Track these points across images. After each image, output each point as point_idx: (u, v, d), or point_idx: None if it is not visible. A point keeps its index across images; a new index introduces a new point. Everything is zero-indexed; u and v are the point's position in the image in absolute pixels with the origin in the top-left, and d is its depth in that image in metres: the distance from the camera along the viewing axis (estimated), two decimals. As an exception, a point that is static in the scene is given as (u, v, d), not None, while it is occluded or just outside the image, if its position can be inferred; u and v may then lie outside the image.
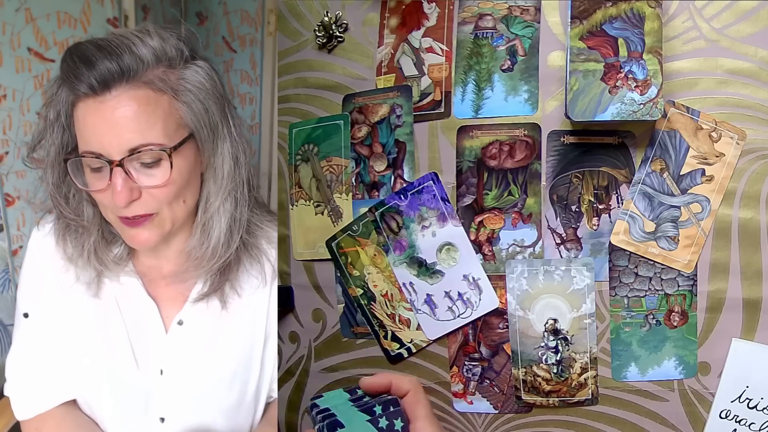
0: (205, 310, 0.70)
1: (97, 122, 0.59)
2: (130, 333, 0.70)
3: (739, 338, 0.64)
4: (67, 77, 0.60)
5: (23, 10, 1.47)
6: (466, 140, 0.73)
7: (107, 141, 0.59)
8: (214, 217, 0.67)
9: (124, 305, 0.71)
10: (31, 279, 0.74)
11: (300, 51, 0.82)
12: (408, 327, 0.75)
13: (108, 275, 0.70)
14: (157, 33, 0.62)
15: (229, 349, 0.72)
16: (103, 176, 0.61)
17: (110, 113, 0.59)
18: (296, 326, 0.83)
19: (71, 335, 0.71)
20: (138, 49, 0.60)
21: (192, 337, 0.71)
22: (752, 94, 0.62)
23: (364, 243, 0.77)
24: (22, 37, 1.48)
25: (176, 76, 0.62)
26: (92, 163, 0.61)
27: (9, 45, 1.47)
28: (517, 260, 0.71)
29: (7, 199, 1.57)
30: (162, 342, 0.70)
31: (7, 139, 1.54)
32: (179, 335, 0.70)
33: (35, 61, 1.51)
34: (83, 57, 0.59)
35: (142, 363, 0.70)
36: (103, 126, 0.59)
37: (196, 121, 0.63)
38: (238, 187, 0.67)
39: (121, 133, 0.59)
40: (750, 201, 0.63)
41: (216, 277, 0.69)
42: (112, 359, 0.71)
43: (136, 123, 0.59)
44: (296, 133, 0.82)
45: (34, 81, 1.52)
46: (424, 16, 0.75)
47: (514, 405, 0.72)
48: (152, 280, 0.71)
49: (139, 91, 0.60)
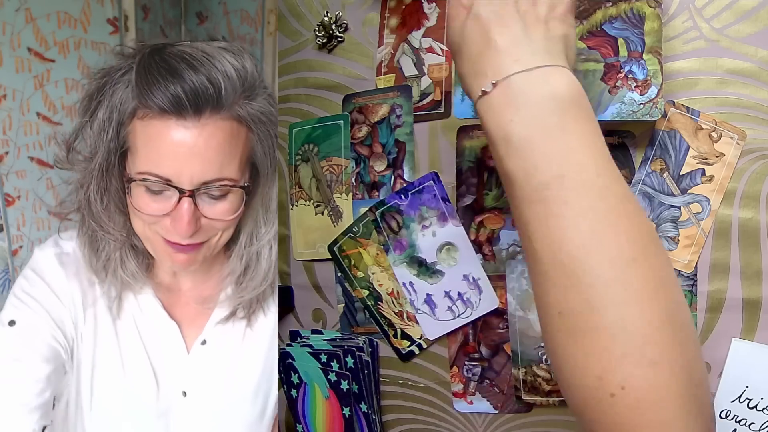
0: (230, 329, 0.68)
1: (178, 148, 0.54)
2: (151, 354, 0.67)
3: (739, 338, 0.64)
4: (149, 86, 0.54)
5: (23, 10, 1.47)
6: (466, 140, 0.73)
7: (183, 170, 0.55)
8: (265, 247, 0.65)
9: (143, 325, 0.67)
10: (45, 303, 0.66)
11: (300, 51, 0.82)
12: (417, 323, 0.75)
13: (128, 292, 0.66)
14: (234, 50, 0.58)
15: (253, 365, 0.69)
16: (161, 199, 0.57)
17: (193, 141, 0.54)
18: (296, 326, 0.83)
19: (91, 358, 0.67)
20: (225, 69, 0.55)
21: (215, 356, 0.68)
22: (752, 94, 0.62)
23: (365, 243, 0.77)
24: (22, 37, 1.48)
25: (253, 106, 0.58)
26: (155, 186, 0.56)
27: (9, 45, 1.47)
28: (517, 260, 0.71)
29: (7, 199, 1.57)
30: (184, 362, 0.67)
31: (7, 139, 1.54)
32: (202, 355, 0.68)
33: (35, 61, 1.51)
34: (172, 70, 0.54)
35: (163, 384, 0.67)
36: (182, 153, 0.54)
37: (263, 156, 0.60)
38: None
39: (202, 166, 0.55)
40: (750, 201, 0.63)
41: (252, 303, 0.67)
42: (132, 382, 0.67)
43: (220, 157, 0.56)
44: (296, 133, 0.82)
45: (34, 81, 1.52)
46: (424, 16, 0.75)
47: (514, 405, 0.72)
48: (170, 297, 0.68)
49: (225, 121, 0.56)
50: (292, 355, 0.80)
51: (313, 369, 0.78)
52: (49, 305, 0.65)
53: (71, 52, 1.56)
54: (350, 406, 0.77)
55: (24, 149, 1.58)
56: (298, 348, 0.79)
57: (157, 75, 0.54)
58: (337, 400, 0.77)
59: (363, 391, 0.76)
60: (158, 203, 0.57)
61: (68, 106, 1.60)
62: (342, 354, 0.76)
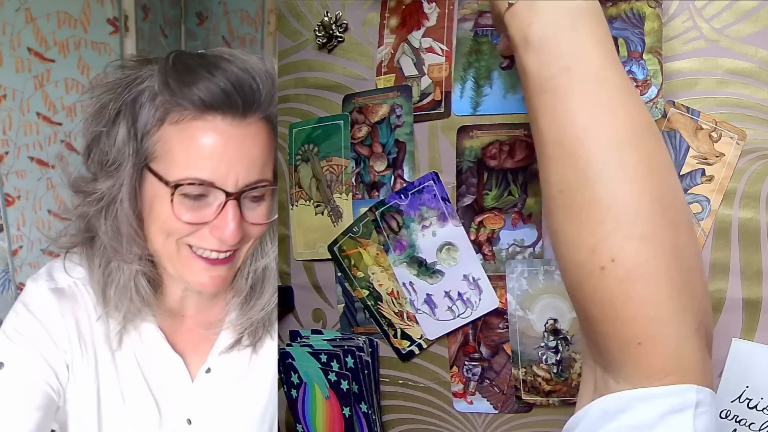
0: (235, 356, 0.66)
1: (224, 149, 0.52)
2: (152, 385, 0.65)
3: (739, 338, 0.64)
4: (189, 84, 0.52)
5: (23, 10, 1.47)
6: (466, 140, 0.73)
7: (230, 171, 0.53)
8: (271, 264, 0.63)
9: (144, 358, 0.65)
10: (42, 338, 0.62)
11: (300, 51, 0.82)
12: (417, 323, 0.75)
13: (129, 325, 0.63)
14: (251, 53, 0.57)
15: (258, 391, 0.68)
16: (200, 206, 0.54)
17: (240, 141, 0.53)
18: (296, 326, 0.83)
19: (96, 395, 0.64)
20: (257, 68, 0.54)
21: (220, 384, 0.66)
22: (752, 94, 0.62)
23: (365, 243, 0.77)
24: (22, 37, 1.48)
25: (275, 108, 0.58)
26: (195, 191, 0.53)
27: (9, 45, 1.48)
28: (517, 260, 0.71)
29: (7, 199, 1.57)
30: (188, 391, 0.66)
31: (7, 139, 1.54)
32: (207, 383, 0.66)
33: (35, 61, 1.51)
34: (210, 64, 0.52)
35: (165, 413, 0.65)
36: (229, 154, 0.53)
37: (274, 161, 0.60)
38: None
39: (248, 167, 0.54)
40: (750, 201, 0.63)
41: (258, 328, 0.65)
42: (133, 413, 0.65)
43: (263, 157, 0.55)
44: (296, 133, 0.82)
45: (34, 81, 1.52)
46: (424, 16, 0.75)
47: (514, 405, 0.72)
48: (173, 324, 0.66)
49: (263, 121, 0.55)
50: (292, 355, 0.80)
51: (313, 369, 0.78)
52: (42, 346, 0.61)
53: (71, 52, 1.57)
54: (350, 406, 0.77)
55: (24, 149, 1.58)
56: (298, 348, 0.79)
57: (197, 71, 0.52)
58: (337, 400, 0.77)
59: (363, 391, 0.76)
60: (197, 211, 0.54)
61: (68, 106, 1.60)
62: (342, 354, 0.76)
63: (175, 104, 0.53)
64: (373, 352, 0.77)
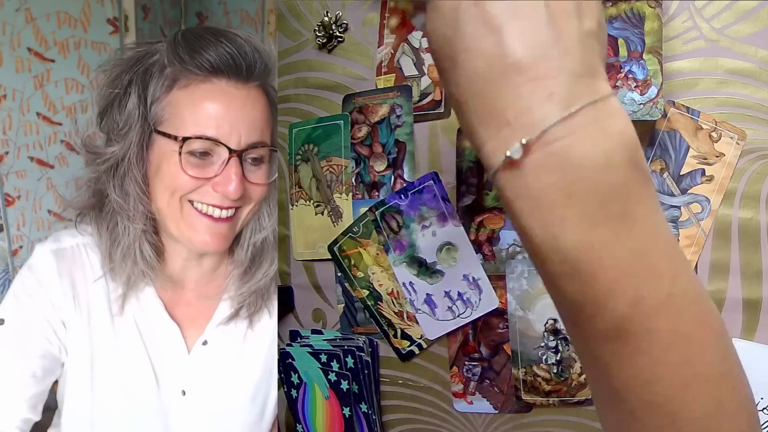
0: (231, 330, 0.69)
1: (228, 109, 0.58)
2: (151, 353, 0.67)
3: (739, 338, 0.64)
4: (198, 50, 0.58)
5: (23, 10, 1.47)
6: (466, 140, 0.72)
7: (233, 129, 0.58)
8: (269, 236, 0.67)
9: (144, 325, 0.67)
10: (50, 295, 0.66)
11: (300, 51, 0.82)
12: (417, 323, 0.75)
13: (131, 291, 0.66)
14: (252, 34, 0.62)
15: (253, 366, 0.70)
16: (205, 164, 0.59)
17: (242, 102, 0.59)
18: (296, 326, 0.83)
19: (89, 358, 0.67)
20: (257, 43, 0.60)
21: (216, 357, 0.69)
22: (752, 94, 0.62)
23: (365, 243, 0.77)
24: (22, 37, 1.49)
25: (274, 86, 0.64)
26: (201, 147, 0.58)
27: (9, 45, 1.48)
28: (517, 260, 0.71)
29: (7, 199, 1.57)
30: (184, 362, 0.68)
31: (7, 139, 1.54)
32: (203, 355, 0.68)
33: (35, 61, 1.51)
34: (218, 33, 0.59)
35: (162, 383, 0.67)
36: (233, 114, 0.58)
37: (274, 136, 0.65)
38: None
39: (250, 127, 0.59)
40: (750, 201, 0.63)
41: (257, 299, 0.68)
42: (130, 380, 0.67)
43: (262, 120, 0.61)
44: (296, 133, 0.82)
45: (34, 81, 1.52)
46: (424, 16, 0.75)
47: (514, 405, 0.72)
48: (173, 296, 0.69)
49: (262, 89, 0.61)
50: (292, 355, 0.80)
51: (313, 369, 0.78)
52: (41, 303, 0.65)
53: (71, 52, 1.57)
54: (350, 406, 0.77)
55: (24, 149, 1.58)
56: (298, 348, 0.79)
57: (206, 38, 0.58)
58: (337, 400, 0.77)
59: (363, 391, 0.76)
60: (201, 168, 0.59)
61: (68, 106, 1.60)
62: (342, 354, 0.76)
63: (185, 71, 0.58)
64: (373, 352, 0.77)
